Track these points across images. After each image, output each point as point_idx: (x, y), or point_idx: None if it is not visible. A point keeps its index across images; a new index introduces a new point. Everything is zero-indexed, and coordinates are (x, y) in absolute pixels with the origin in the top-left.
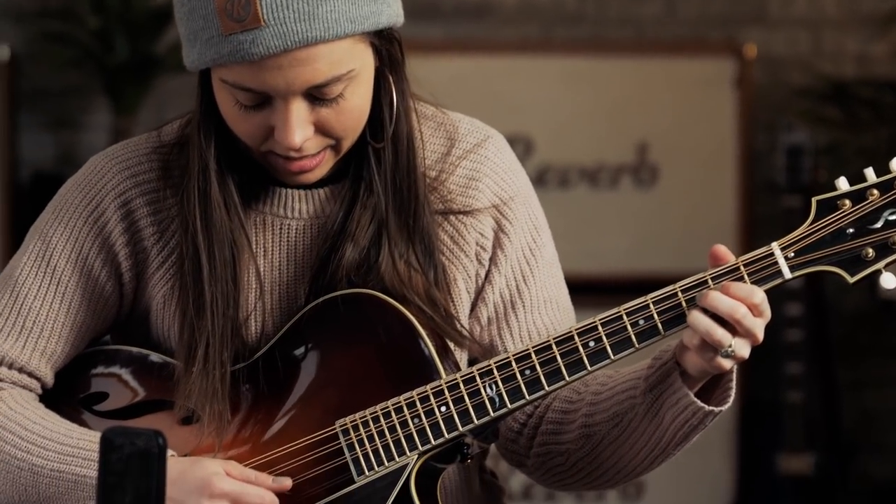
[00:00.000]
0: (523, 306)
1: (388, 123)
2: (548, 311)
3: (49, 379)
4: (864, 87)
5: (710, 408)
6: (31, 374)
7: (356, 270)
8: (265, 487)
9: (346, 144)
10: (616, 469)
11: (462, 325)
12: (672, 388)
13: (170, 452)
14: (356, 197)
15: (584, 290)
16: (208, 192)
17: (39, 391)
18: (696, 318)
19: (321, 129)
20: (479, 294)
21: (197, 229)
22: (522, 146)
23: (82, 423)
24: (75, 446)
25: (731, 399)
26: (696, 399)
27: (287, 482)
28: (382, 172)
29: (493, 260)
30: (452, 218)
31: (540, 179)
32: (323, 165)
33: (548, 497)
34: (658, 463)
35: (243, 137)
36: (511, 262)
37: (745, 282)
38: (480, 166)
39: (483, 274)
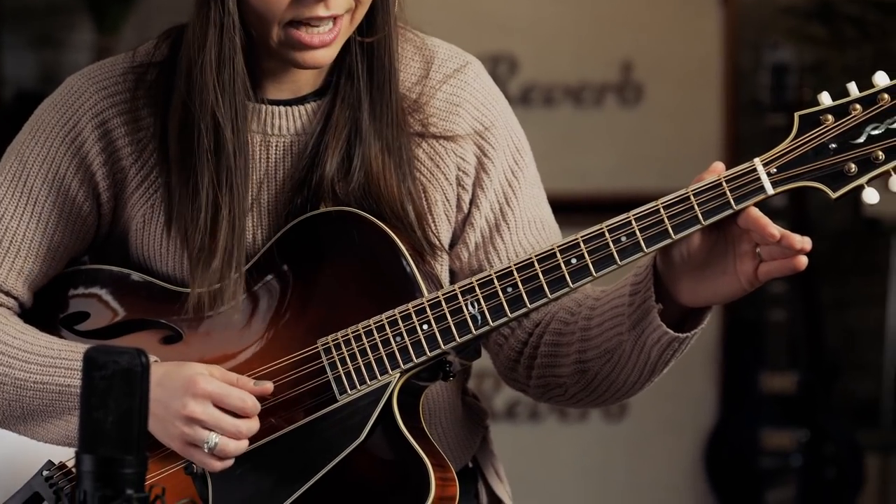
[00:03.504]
0: (508, 228)
1: (382, 14)
2: (532, 231)
3: (27, 299)
4: (849, 5)
5: (686, 334)
6: (7, 294)
7: (339, 181)
8: (247, 390)
9: (360, 13)
10: (611, 393)
11: (435, 235)
12: (652, 325)
13: (153, 359)
14: (334, 107)
15: (568, 209)
16: (233, 52)
17: (17, 311)
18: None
19: None
20: (465, 219)
21: (218, 96)
22: (507, 65)
23: None
24: (57, 357)
25: (707, 318)
26: (674, 333)
27: (269, 386)
28: (363, 72)
29: (477, 185)
30: (433, 141)
31: (524, 98)
32: (337, 41)
33: (531, 417)
34: (650, 382)
35: (269, 5)
36: (495, 186)
37: (727, 197)
38: (461, 91)
39: (467, 199)
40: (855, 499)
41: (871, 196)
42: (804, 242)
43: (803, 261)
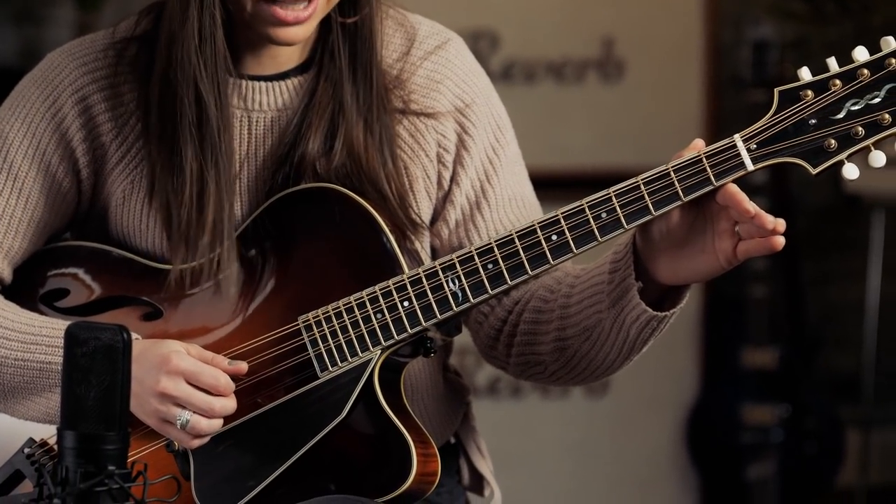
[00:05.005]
0: (488, 205)
1: None
2: (513, 209)
3: (7, 275)
4: None
5: (664, 314)
6: None
7: (321, 157)
8: (221, 369)
9: None
10: (590, 371)
11: (417, 214)
12: (631, 303)
13: (134, 336)
14: (318, 84)
15: (549, 185)
16: (214, 35)
17: None
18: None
19: None
20: (446, 197)
21: (201, 73)
22: (488, 41)
23: None
24: (38, 334)
25: (686, 298)
26: (653, 311)
27: (243, 366)
28: (345, 53)
29: (458, 162)
30: (413, 118)
31: (506, 74)
32: (312, 19)
33: (513, 393)
34: (630, 360)
35: None
36: (475, 163)
37: (707, 173)
38: (441, 68)
39: (448, 176)
40: (835, 474)
41: (850, 171)
42: (777, 223)
43: (780, 241)
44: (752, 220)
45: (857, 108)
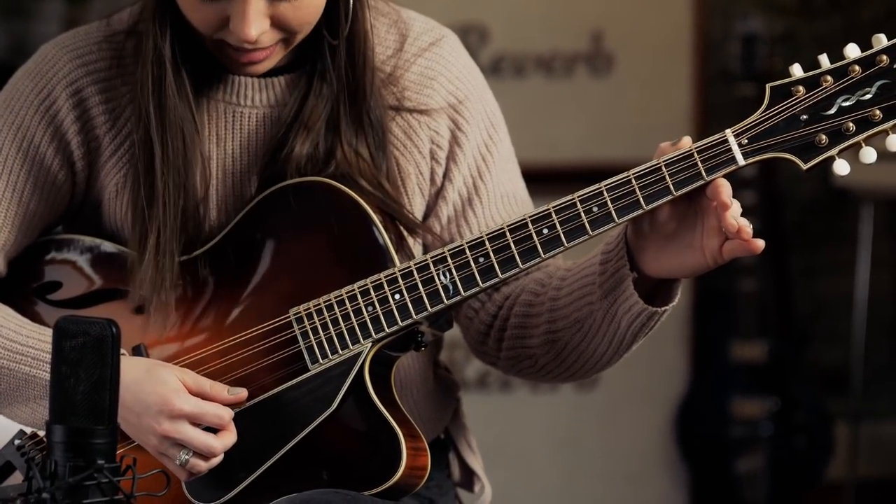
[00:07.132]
0: (480, 202)
1: (344, 21)
2: (505, 206)
3: (2, 268)
4: None
5: (656, 308)
6: None
7: (308, 163)
8: (221, 400)
9: (298, 38)
10: (580, 365)
11: (411, 213)
12: (625, 294)
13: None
14: (310, 88)
15: (539, 180)
16: (163, 80)
17: None
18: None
19: (277, 24)
20: (438, 193)
21: (150, 117)
22: (477, 35)
23: (35, 313)
24: (25, 345)
25: (678, 296)
26: (645, 304)
27: (243, 394)
28: (337, 67)
29: (451, 159)
30: (406, 114)
31: (495, 69)
32: (272, 58)
33: (503, 387)
34: (619, 357)
35: (197, 25)
36: (468, 160)
37: (698, 168)
38: (435, 65)
39: (440, 173)
40: (824, 467)
41: (841, 167)
42: (742, 228)
43: (758, 244)
44: (724, 217)
45: (848, 104)
